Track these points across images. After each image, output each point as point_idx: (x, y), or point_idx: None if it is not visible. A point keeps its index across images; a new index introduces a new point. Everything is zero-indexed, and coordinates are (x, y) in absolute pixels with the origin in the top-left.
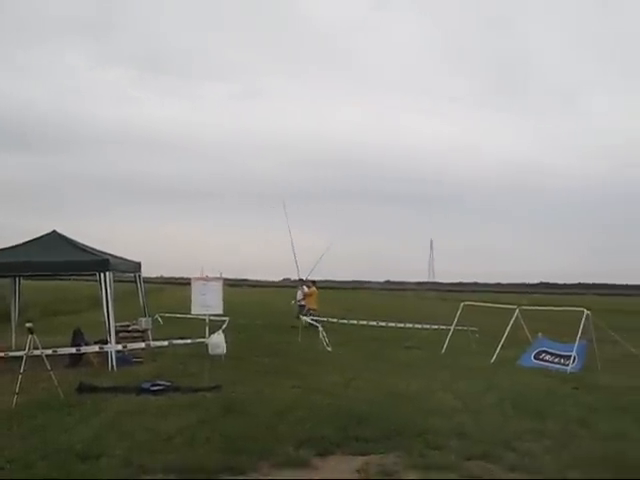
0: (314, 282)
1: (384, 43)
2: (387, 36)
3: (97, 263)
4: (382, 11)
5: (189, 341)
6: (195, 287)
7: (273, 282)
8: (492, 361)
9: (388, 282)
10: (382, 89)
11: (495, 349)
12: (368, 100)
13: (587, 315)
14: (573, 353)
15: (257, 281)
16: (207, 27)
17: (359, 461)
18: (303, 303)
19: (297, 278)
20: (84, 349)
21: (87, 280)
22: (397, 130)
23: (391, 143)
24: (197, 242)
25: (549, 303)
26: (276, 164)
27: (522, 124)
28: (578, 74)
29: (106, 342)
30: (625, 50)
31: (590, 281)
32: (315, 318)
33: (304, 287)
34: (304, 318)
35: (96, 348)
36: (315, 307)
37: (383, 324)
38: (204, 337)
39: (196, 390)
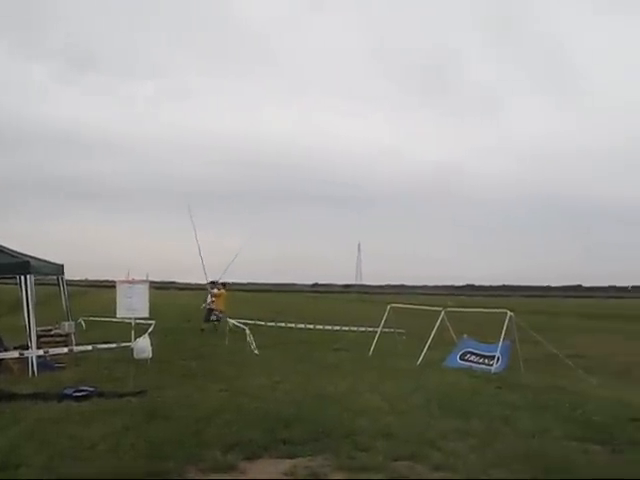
0: (224, 284)
1: (316, 45)
2: (319, 38)
3: (17, 265)
4: (316, 13)
5: (114, 345)
6: (120, 290)
7: (200, 285)
8: (419, 362)
9: (316, 284)
10: (313, 91)
11: (422, 350)
12: (299, 102)
13: (510, 316)
14: (497, 353)
15: (185, 284)
16: (137, 26)
17: (287, 464)
18: (212, 306)
19: (207, 281)
20: (2, 355)
21: (6, 283)
22: (328, 132)
23: (321, 145)
24: (123, 244)
25: (474, 305)
26: (204, 164)
27: (452, 128)
28: (501, 78)
29: (27, 347)
30: (548, 55)
31: (514, 283)
32: (217, 320)
33: (214, 289)
34: (231, 321)
35: (16, 354)
36: (223, 309)
37: (311, 326)
38: (129, 341)
39: (121, 395)
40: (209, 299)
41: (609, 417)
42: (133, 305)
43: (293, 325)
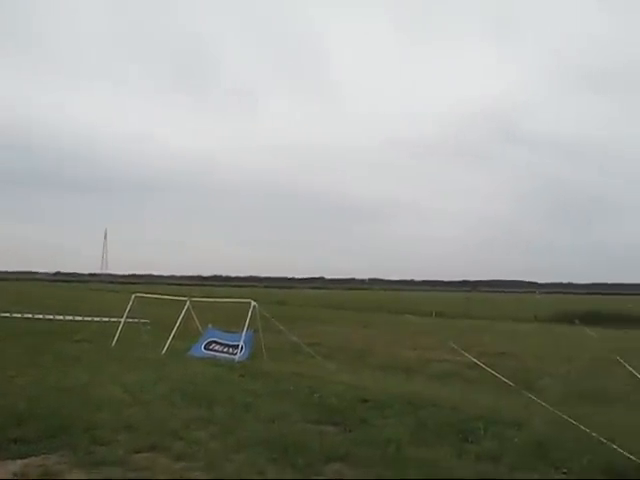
0: None
1: (71, 26)
2: (75, 18)
3: None
4: None
5: None
6: None
7: None
8: (163, 352)
9: (58, 273)
10: (64, 72)
11: (166, 340)
12: (48, 83)
13: (254, 306)
14: (241, 343)
15: None
16: None
17: (18, 465)
18: None
19: None
20: None
21: None
22: (78, 115)
23: (69, 129)
24: None
25: (221, 295)
26: None
27: (208, 118)
28: (258, 76)
29: None
30: (304, 57)
31: (260, 274)
32: None
33: None
34: None
35: None
36: None
37: (51, 317)
38: None
39: None
40: None
41: (343, 400)
42: None
43: (31, 315)
